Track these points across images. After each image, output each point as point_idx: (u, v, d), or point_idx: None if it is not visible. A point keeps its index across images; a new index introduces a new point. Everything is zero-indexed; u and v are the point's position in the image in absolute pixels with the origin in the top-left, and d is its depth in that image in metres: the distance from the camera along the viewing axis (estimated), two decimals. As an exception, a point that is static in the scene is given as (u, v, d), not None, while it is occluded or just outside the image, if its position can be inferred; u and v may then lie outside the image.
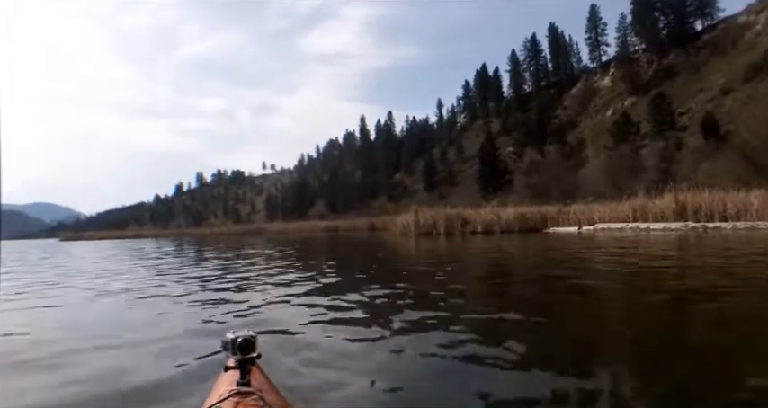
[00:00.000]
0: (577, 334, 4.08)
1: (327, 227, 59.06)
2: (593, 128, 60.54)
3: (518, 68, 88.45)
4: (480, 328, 4.21)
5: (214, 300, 6.30)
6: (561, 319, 4.71)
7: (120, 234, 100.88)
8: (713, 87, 49.98)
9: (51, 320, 5.63)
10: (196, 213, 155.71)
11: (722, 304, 4.84)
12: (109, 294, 7.37)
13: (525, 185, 46.87)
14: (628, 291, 6.25)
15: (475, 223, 28.62)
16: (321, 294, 6.38)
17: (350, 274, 9.62)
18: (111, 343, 4.31)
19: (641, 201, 23.68)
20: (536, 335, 4.00)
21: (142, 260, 16.52)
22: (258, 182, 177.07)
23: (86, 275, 11.13)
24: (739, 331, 3.96)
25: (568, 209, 27.28)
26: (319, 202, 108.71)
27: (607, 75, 74.03)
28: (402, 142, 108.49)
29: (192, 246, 28.86)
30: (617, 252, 12.31)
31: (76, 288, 8.45)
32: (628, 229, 22.11)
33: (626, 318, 4.67)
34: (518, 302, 5.62)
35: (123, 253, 22.88)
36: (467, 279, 8.30)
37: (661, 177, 29.84)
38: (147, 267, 12.79)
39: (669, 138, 42.22)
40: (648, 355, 3.41)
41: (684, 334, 4.01)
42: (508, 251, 15.33)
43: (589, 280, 7.32)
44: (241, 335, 1.79)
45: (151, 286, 8.10)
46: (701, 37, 63.35)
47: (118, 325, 5.13)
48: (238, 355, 1.77)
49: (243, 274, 9.70)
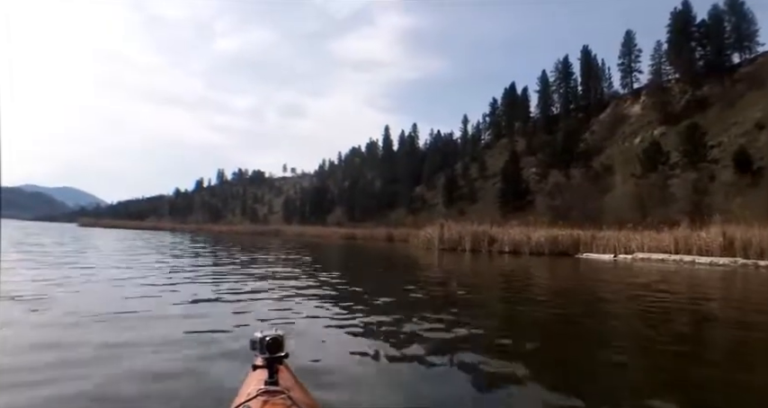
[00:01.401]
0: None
1: (345, 235, 58.84)
2: (620, 154, 59.74)
3: (547, 89, 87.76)
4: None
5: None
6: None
7: (138, 224, 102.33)
8: (747, 121, 49.10)
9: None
10: (215, 210, 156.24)
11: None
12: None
13: (548, 207, 46.22)
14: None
15: (502, 242, 27.95)
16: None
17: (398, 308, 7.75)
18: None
19: (684, 232, 22.76)
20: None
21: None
22: (278, 184, 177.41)
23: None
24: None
25: (603, 235, 26.40)
26: (337, 209, 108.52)
27: (638, 102, 73.16)
28: (425, 155, 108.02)
29: (213, 247, 28.47)
30: (677, 293, 10.75)
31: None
32: (670, 261, 21.20)
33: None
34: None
35: (144, 248, 22.77)
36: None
37: (693, 209, 29.29)
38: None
39: (701, 170, 41.54)
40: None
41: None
42: (543, 278, 14.74)
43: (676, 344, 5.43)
44: (269, 335, 1.81)
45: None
46: (738, 70, 62.43)
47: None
48: (266, 354, 1.79)
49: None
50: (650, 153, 47.32)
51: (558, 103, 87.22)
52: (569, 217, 35.79)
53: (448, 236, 29.54)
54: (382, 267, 17.23)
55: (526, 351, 4.82)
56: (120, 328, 5.03)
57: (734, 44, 65.64)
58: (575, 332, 5.85)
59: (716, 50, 65.58)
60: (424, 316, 6.29)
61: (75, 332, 4.81)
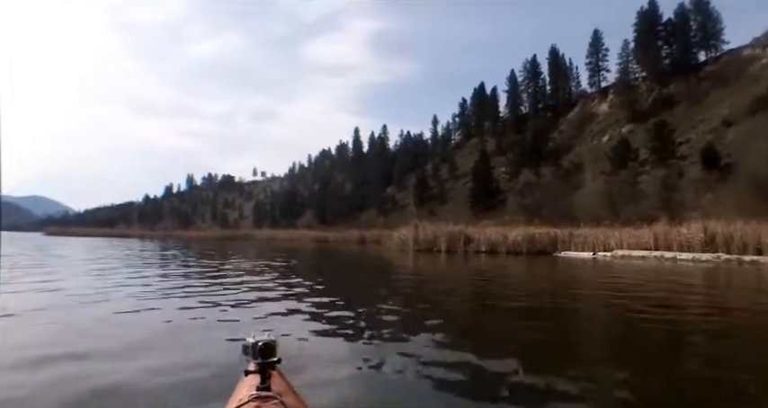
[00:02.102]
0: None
1: (317, 238, 58.16)
2: (589, 152, 59.80)
3: (516, 89, 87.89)
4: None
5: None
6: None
7: (107, 232, 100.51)
8: (714, 118, 49.39)
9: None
10: (184, 215, 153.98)
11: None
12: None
13: (519, 206, 45.93)
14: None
15: (479, 241, 27.45)
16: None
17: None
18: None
19: (663, 229, 22.28)
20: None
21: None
22: (248, 188, 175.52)
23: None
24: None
25: (580, 232, 25.86)
26: (308, 212, 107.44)
27: (605, 100, 73.55)
28: (395, 156, 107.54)
29: (183, 261, 27.51)
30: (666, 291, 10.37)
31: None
32: (651, 258, 20.72)
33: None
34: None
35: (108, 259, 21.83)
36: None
37: (663, 205, 29.05)
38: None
39: (670, 167, 41.56)
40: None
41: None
42: (522, 280, 14.06)
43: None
44: (261, 340, 1.75)
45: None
46: (704, 68, 63.02)
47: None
48: (259, 359, 1.73)
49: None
50: (619, 150, 47.28)
51: (527, 103, 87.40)
52: (541, 215, 35.45)
53: (423, 237, 29.09)
54: (357, 271, 16.46)
55: (503, 357, 4.70)
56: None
57: (699, 42, 66.33)
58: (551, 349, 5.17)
59: (682, 49, 66.20)
60: (407, 322, 6.34)
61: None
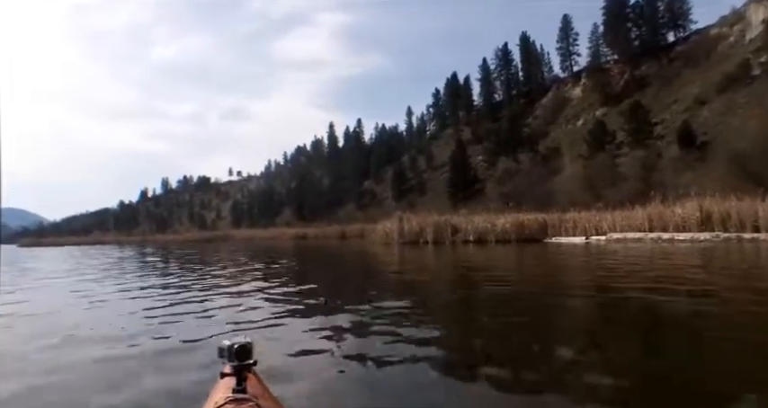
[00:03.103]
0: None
1: (296, 235, 57.48)
2: (566, 136, 59.92)
3: (489, 77, 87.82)
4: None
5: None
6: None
7: (81, 240, 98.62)
8: (687, 98, 49.69)
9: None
10: (161, 219, 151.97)
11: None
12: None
13: (499, 194, 45.79)
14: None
15: (466, 231, 26.78)
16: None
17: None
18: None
19: (658, 209, 21.90)
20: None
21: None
22: (224, 189, 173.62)
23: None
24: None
25: (569, 217, 25.44)
26: (286, 209, 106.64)
27: (578, 84, 73.84)
28: (371, 150, 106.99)
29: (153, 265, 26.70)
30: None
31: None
32: (647, 240, 20.25)
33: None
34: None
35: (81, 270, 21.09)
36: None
37: (643, 186, 29.03)
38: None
39: (648, 147, 41.69)
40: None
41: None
42: (511, 270, 13.27)
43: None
44: (237, 342, 1.73)
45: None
46: (674, 48, 63.45)
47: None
48: (235, 362, 1.71)
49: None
50: (596, 133, 47.37)
51: (501, 90, 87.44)
52: (521, 203, 35.29)
53: (408, 229, 28.08)
54: (342, 267, 15.91)
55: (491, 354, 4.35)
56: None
57: (668, 23, 66.76)
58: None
59: (651, 30, 66.61)
60: (394, 319, 5.72)
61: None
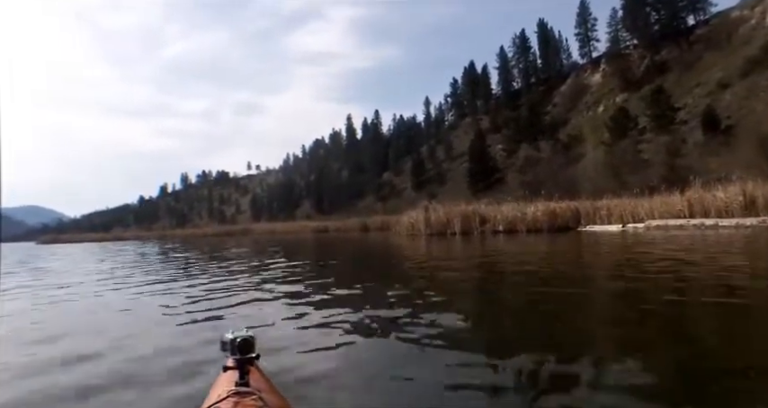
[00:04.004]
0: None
1: (317, 228, 57.43)
2: (587, 122, 59.42)
3: (507, 65, 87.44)
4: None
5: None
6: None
7: (101, 237, 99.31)
8: (710, 82, 49.09)
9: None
10: (180, 214, 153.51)
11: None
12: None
13: (520, 183, 45.52)
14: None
15: (495, 221, 26.04)
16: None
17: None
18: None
19: (698, 194, 21.17)
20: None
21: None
22: (243, 183, 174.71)
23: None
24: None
25: (602, 204, 24.72)
26: (305, 203, 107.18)
27: (597, 71, 73.22)
28: (389, 141, 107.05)
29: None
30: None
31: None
32: (690, 227, 19.45)
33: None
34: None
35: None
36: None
37: (668, 172, 28.75)
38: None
39: (672, 133, 41.25)
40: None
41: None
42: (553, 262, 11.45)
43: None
44: (240, 335, 1.74)
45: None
46: (694, 32, 62.62)
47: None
48: (237, 355, 1.71)
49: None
50: (618, 119, 46.87)
51: (519, 78, 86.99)
52: (541, 192, 34.93)
53: (435, 219, 27.19)
54: (373, 262, 15.09)
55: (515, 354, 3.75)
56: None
57: (687, 6, 65.71)
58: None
59: (671, 14, 65.75)
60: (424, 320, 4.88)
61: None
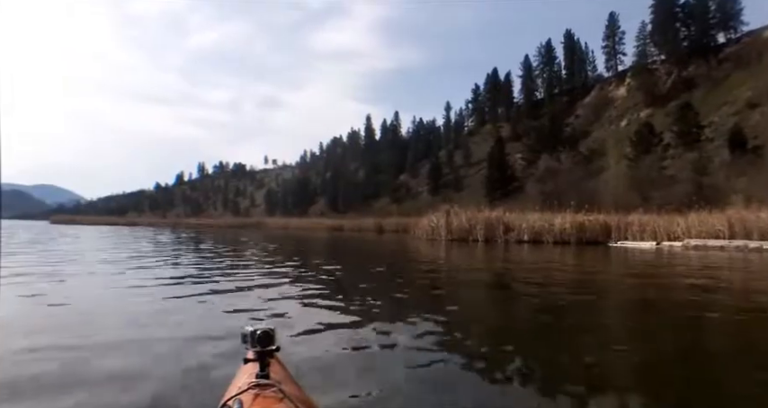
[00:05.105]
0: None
1: (332, 226, 57.26)
2: (611, 136, 58.85)
3: (531, 74, 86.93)
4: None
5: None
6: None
7: (114, 220, 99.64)
8: (738, 101, 48.49)
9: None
10: (195, 203, 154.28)
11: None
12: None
13: (539, 193, 45.12)
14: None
15: (520, 230, 25.29)
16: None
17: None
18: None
19: (740, 214, 20.36)
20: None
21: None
22: (259, 177, 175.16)
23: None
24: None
25: (632, 219, 24.04)
26: (320, 200, 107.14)
27: (623, 84, 72.49)
28: (408, 143, 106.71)
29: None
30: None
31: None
32: (731, 248, 18.63)
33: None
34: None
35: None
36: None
37: (695, 189, 28.32)
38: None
39: (701, 150, 40.72)
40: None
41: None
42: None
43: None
44: (260, 328, 1.76)
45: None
46: (724, 50, 61.87)
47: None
48: (258, 348, 1.74)
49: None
50: (643, 134, 46.34)
51: (542, 88, 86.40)
52: (562, 203, 34.42)
53: (456, 225, 26.37)
54: (409, 272, 12.33)
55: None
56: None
57: (718, 24, 64.92)
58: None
59: (701, 30, 64.96)
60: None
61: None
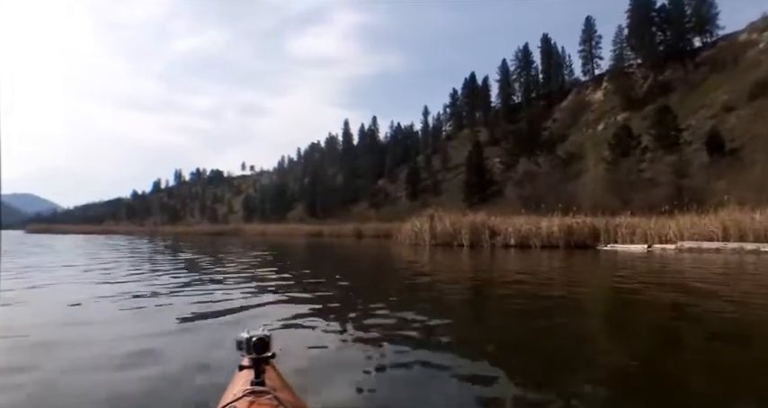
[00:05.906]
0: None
1: (311, 232, 56.54)
2: (589, 140, 58.83)
3: (508, 78, 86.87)
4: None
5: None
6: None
7: (91, 229, 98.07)
8: (715, 104, 48.65)
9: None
10: (173, 211, 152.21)
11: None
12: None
13: (518, 196, 44.81)
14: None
15: (507, 234, 24.77)
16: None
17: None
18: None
19: (734, 216, 19.93)
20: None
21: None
22: (237, 183, 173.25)
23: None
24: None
25: (627, 222, 23.49)
26: (298, 205, 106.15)
27: (599, 88, 72.69)
28: (386, 148, 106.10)
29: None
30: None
31: None
32: (727, 250, 18.27)
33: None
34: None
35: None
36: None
37: (675, 192, 28.05)
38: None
39: (680, 153, 40.66)
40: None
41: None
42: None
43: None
44: (256, 335, 1.74)
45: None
46: (700, 53, 62.25)
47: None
48: (253, 354, 1.73)
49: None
50: (621, 137, 46.26)
51: (519, 92, 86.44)
52: (540, 206, 34.00)
53: (441, 229, 25.84)
54: (391, 281, 11.82)
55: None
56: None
57: (694, 28, 65.33)
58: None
59: (677, 34, 65.36)
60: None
61: None
